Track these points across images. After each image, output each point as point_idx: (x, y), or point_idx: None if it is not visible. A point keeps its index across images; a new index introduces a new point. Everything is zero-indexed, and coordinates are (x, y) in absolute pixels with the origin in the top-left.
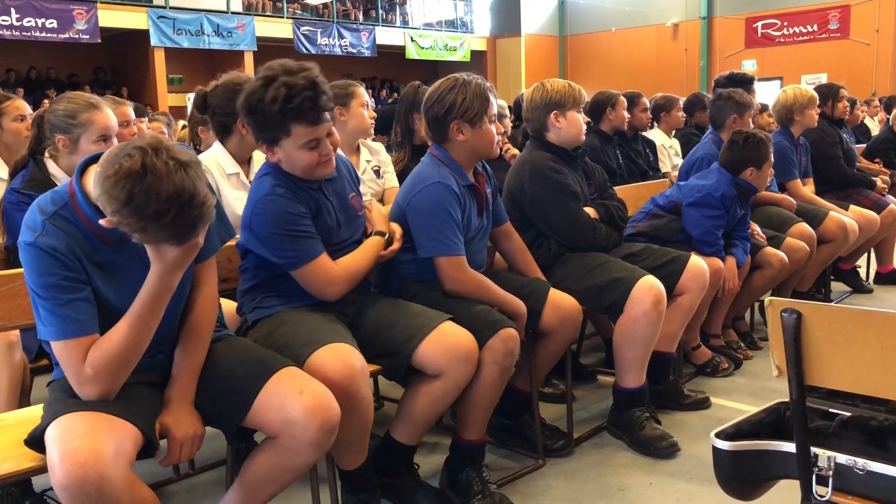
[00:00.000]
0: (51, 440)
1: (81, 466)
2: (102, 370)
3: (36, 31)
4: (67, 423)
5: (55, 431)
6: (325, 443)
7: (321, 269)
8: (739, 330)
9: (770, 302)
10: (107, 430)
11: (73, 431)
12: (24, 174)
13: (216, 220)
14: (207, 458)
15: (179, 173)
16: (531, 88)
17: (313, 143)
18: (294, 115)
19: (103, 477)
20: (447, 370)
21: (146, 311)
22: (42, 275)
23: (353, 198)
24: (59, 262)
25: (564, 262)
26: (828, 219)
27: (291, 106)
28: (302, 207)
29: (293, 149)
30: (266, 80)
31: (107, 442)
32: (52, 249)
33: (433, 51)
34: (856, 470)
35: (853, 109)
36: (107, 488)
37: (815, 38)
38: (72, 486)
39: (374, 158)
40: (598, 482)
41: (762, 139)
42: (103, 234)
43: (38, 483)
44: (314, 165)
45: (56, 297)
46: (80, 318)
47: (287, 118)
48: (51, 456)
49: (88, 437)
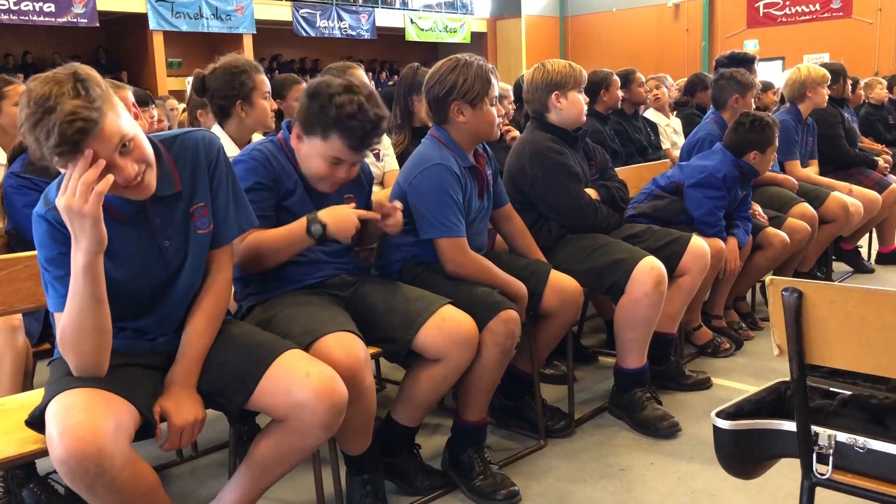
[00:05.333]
0: (50, 417)
1: (80, 441)
2: (62, 345)
3: (33, 14)
4: (67, 400)
5: (54, 408)
6: (334, 424)
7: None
8: (740, 310)
9: (771, 281)
10: (106, 406)
11: (72, 408)
12: (24, 158)
13: (233, 207)
14: (210, 441)
15: None
16: (532, 69)
17: (337, 161)
18: (344, 130)
19: (102, 452)
20: (448, 354)
21: (75, 289)
22: (45, 247)
23: (347, 198)
24: (63, 236)
25: (565, 243)
26: (829, 199)
27: (350, 125)
28: (263, 178)
29: (317, 153)
30: (347, 88)
31: (106, 418)
32: (58, 223)
33: (433, 32)
34: (856, 448)
35: (855, 89)
36: (106, 463)
37: (818, 18)
38: (71, 460)
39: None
40: (599, 462)
41: (768, 123)
42: (117, 210)
43: (41, 466)
44: (323, 178)
45: (56, 270)
46: None
47: (336, 127)
48: (50, 432)
49: (87, 413)
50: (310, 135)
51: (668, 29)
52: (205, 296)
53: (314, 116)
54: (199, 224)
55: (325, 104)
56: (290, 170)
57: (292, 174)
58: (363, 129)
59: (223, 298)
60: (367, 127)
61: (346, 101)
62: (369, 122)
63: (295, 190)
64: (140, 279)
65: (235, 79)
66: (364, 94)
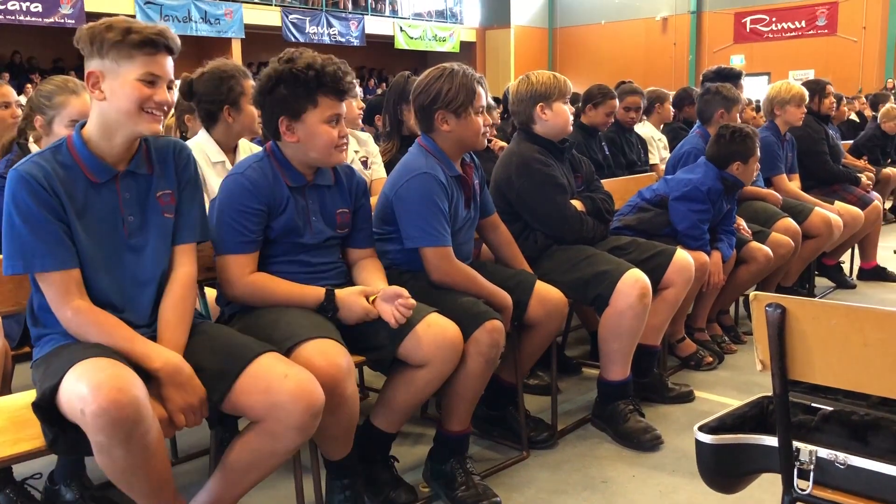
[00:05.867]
0: (74, 380)
1: (119, 391)
2: (71, 327)
3: (21, 14)
4: (87, 365)
5: (78, 372)
6: (310, 427)
7: (231, 265)
8: (724, 324)
9: (755, 296)
10: (126, 368)
11: (98, 367)
12: (8, 159)
13: (198, 213)
14: (191, 447)
15: None
16: (517, 81)
17: (336, 117)
18: (326, 83)
19: (139, 400)
20: (432, 360)
21: (101, 338)
22: (13, 201)
23: (340, 212)
24: (32, 190)
25: (551, 254)
26: (813, 214)
27: (327, 73)
28: (257, 203)
29: (317, 122)
30: (294, 57)
31: (131, 376)
32: (29, 176)
33: (422, 41)
34: (837, 464)
35: (839, 106)
36: (143, 412)
37: (803, 34)
38: (112, 408)
39: (361, 149)
40: (581, 474)
41: (749, 133)
42: (92, 173)
43: (18, 471)
44: (333, 146)
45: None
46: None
47: (319, 86)
48: (80, 391)
49: (115, 370)
50: (300, 114)
51: (656, 42)
52: (170, 291)
53: (293, 94)
54: (166, 209)
55: (293, 77)
56: (281, 183)
57: (283, 188)
58: (338, 71)
59: (189, 291)
60: (339, 67)
61: (309, 61)
62: (334, 64)
63: (287, 205)
64: (99, 245)
65: (223, 84)
66: (307, 54)
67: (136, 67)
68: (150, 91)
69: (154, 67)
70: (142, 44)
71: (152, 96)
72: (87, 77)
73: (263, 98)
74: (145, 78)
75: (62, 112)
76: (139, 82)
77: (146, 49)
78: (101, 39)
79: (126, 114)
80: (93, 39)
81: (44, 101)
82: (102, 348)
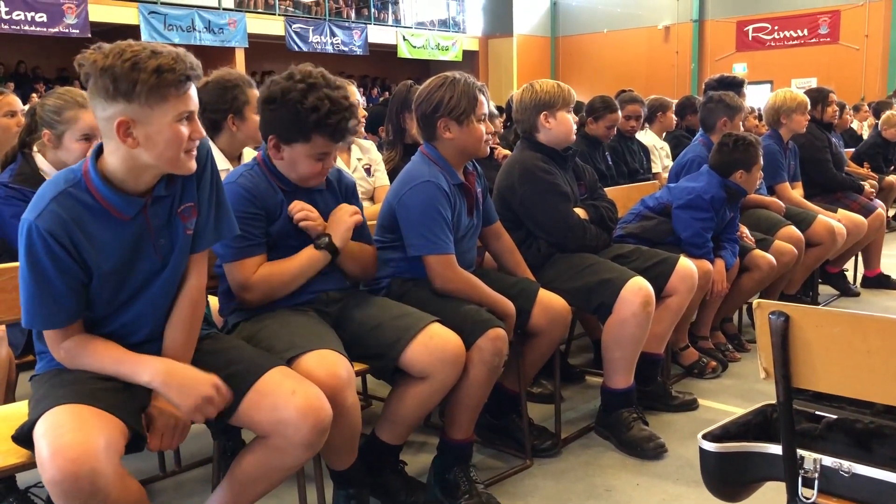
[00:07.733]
0: (40, 436)
1: (73, 462)
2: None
3: (25, 24)
4: (56, 418)
5: (44, 426)
6: (317, 443)
7: (242, 270)
8: (727, 332)
9: (758, 304)
10: (96, 424)
11: (62, 426)
12: (13, 168)
13: (214, 215)
14: (194, 456)
15: None
16: (520, 89)
17: (324, 155)
18: (325, 129)
19: (95, 471)
20: (433, 373)
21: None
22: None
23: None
24: (46, 246)
25: (554, 262)
26: (816, 222)
27: (329, 122)
28: (254, 208)
29: (303, 155)
30: (309, 87)
31: (97, 436)
32: (47, 233)
33: (425, 50)
34: (841, 472)
35: (842, 114)
36: (99, 482)
37: (806, 43)
38: (65, 481)
39: (364, 157)
40: (585, 482)
41: (752, 142)
42: (121, 212)
43: (22, 479)
44: (314, 175)
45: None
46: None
47: (316, 129)
48: (40, 452)
49: (78, 432)
50: (290, 142)
51: (658, 51)
52: (180, 301)
53: (290, 125)
54: (188, 225)
55: (296, 111)
56: (275, 189)
57: (277, 194)
58: (343, 120)
59: (199, 303)
60: (345, 116)
61: (317, 102)
62: (345, 110)
63: (282, 210)
64: (128, 271)
65: (228, 93)
66: (324, 85)
67: (169, 108)
68: (189, 130)
69: (188, 104)
70: (178, 82)
71: (191, 135)
72: (116, 126)
73: (263, 109)
74: (181, 118)
75: (73, 127)
76: (177, 125)
77: (181, 87)
78: (132, 81)
79: (167, 160)
80: (116, 80)
81: (53, 116)
82: (87, 384)
